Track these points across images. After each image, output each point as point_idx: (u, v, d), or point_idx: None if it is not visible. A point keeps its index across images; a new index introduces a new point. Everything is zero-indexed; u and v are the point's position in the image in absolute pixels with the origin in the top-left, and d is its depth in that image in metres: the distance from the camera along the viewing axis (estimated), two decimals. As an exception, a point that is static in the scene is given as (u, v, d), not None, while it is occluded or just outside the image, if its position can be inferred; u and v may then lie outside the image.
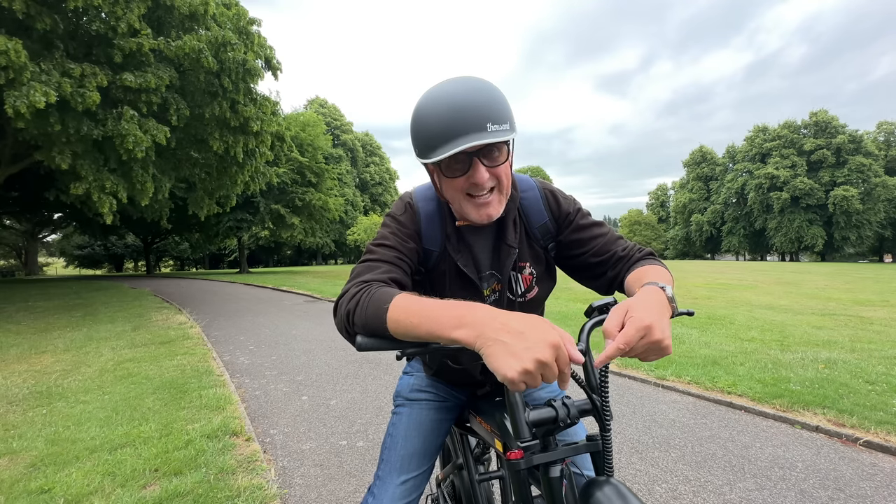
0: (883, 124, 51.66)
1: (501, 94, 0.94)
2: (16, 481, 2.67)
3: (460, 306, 0.76)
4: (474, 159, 0.93)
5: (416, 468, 1.17)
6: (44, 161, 11.09)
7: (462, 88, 0.91)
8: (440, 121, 0.90)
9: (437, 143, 0.90)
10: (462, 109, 0.88)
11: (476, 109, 0.88)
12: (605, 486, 0.79)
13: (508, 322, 0.69)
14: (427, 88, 0.98)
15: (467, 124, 0.88)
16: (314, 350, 6.17)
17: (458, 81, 0.93)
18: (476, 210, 0.99)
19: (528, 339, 0.66)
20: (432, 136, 0.91)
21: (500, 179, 0.98)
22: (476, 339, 0.70)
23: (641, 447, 3.06)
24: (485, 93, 0.91)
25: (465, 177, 0.95)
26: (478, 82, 0.93)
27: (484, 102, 0.89)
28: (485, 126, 0.88)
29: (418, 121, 0.94)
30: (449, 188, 1.00)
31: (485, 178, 0.95)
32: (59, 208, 24.86)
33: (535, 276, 1.15)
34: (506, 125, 0.91)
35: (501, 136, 0.89)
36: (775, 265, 33.63)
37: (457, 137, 0.88)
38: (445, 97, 0.91)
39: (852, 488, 2.50)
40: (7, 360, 5.86)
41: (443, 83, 0.95)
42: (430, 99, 0.94)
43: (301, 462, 2.95)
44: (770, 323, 7.33)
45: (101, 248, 47.56)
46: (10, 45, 8.10)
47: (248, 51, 13.08)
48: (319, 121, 31.17)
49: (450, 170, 0.95)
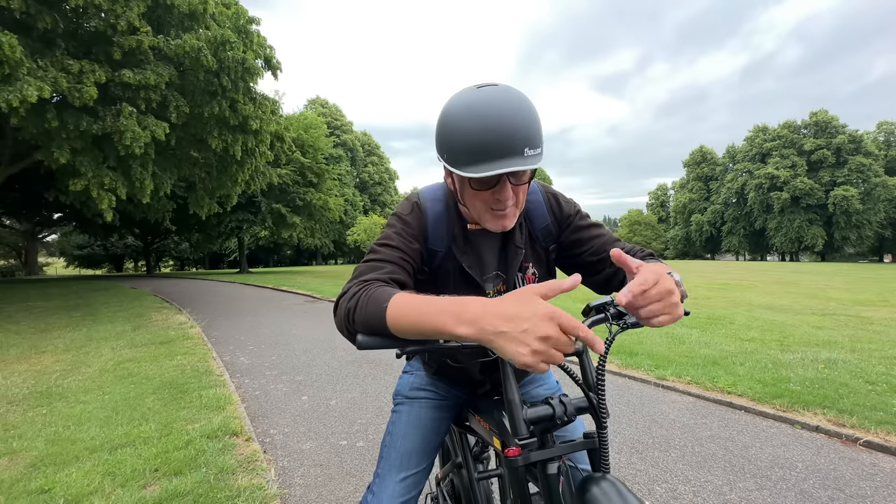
0: (883, 124, 51.67)
1: (537, 114, 0.93)
2: (16, 481, 2.67)
3: (457, 302, 0.76)
4: (504, 179, 0.94)
5: (415, 465, 1.18)
6: (44, 161, 11.11)
7: (504, 104, 0.89)
8: (478, 136, 0.88)
9: (472, 159, 0.89)
10: (502, 130, 0.86)
11: (516, 132, 0.87)
12: (602, 482, 0.80)
13: (501, 310, 0.70)
14: (461, 91, 0.95)
15: (506, 147, 0.87)
16: (314, 350, 6.17)
17: (499, 95, 0.90)
18: (494, 221, 1.01)
19: (524, 319, 0.67)
20: (467, 151, 0.89)
21: (519, 197, 1.00)
22: (477, 333, 0.71)
23: (641, 447, 3.06)
24: (525, 113, 0.89)
25: (490, 191, 0.96)
26: (518, 100, 0.91)
27: (523, 124, 0.88)
28: (522, 150, 0.87)
29: (451, 129, 0.92)
30: (471, 198, 1.00)
31: (510, 196, 0.96)
32: (58, 208, 24.89)
33: (537, 276, 1.17)
34: (539, 149, 0.90)
35: (536, 161, 0.89)
36: (775, 265, 33.65)
37: (494, 159, 0.87)
38: (485, 111, 0.88)
39: (852, 488, 2.50)
40: (7, 360, 5.86)
41: (480, 93, 0.91)
42: (465, 109, 0.90)
43: (301, 462, 2.95)
44: (770, 323, 7.33)
45: (101, 248, 47.54)
46: (4, 39, 8.08)
47: (247, 50, 13.10)
48: (321, 122, 31.24)
49: (478, 183, 0.95)
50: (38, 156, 11.27)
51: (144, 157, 11.30)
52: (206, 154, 14.13)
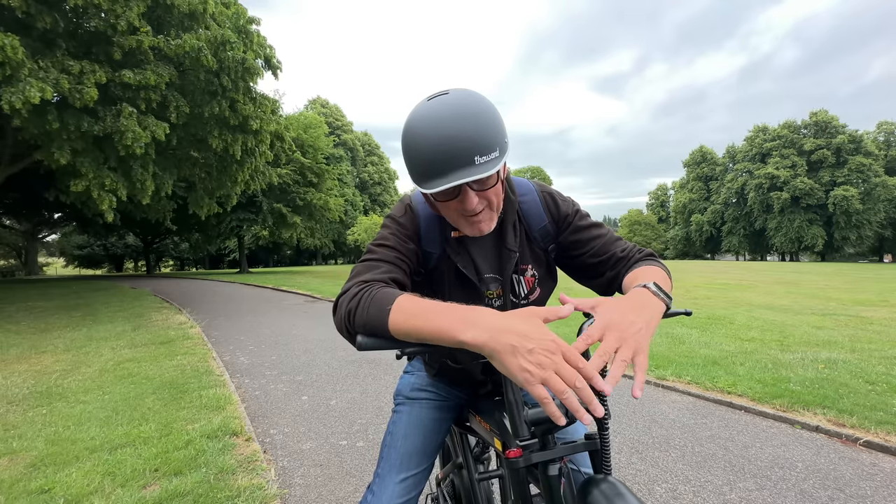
0: (883, 124, 51.67)
1: (490, 118, 0.90)
2: (16, 481, 2.67)
3: (465, 310, 0.77)
4: (464, 188, 0.93)
5: (415, 466, 1.18)
6: (44, 161, 11.10)
7: (449, 117, 0.88)
8: (428, 154, 0.88)
9: (428, 176, 0.90)
10: (449, 143, 0.86)
11: (463, 142, 0.86)
12: (603, 483, 0.79)
13: (513, 325, 0.72)
14: (416, 105, 0.94)
15: (454, 160, 0.86)
16: (314, 350, 6.17)
17: (444, 106, 0.89)
18: (470, 227, 1.00)
19: (532, 339, 0.70)
20: (422, 168, 0.90)
21: (490, 200, 0.98)
22: (485, 343, 0.72)
23: (641, 447, 3.06)
24: (471, 121, 0.88)
25: (456, 201, 0.95)
26: (465, 107, 0.89)
27: (471, 134, 0.87)
28: (472, 160, 0.86)
29: (409, 148, 0.92)
30: (443, 209, 1.01)
31: (474, 203, 0.94)
32: (58, 208, 24.88)
33: (536, 278, 1.16)
34: (494, 153, 0.89)
35: (489, 168, 0.88)
36: (775, 265, 33.65)
37: (445, 173, 0.87)
38: (433, 126, 0.88)
39: (852, 488, 2.50)
40: (7, 360, 5.86)
41: (430, 105, 0.91)
42: (418, 125, 0.90)
43: (301, 462, 2.95)
44: (770, 323, 7.33)
45: (101, 248, 47.56)
46: (6, 41, 8.08)
47: (247, 50, 13.10)
48: (321, 122, 31.23)
49: (442, 195, 0.94)
50: (38, 156, 11.27)
51: (145, 158, 11.30)
52: (206, 154, 14.13)
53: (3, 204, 25.07)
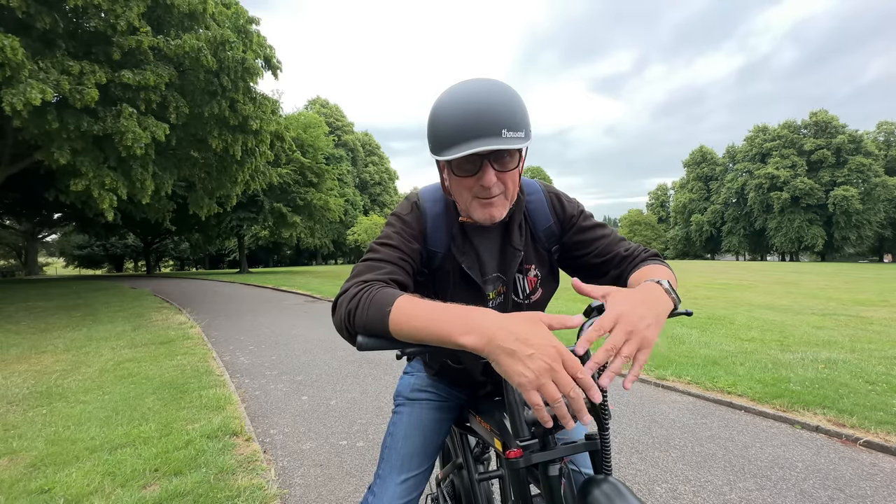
0: (883, 124, 51.69)
1: (520, 101, 0.94)
2: (16, 481, 2.67)
3: (465, 311, 0.77)
4: (485, 162, 0.93)
5: (416, 467, 1.18)
6: (44, 161, 11.10)
7: (481, 90, 0.91)
8: (456, 121, 0.90)
9: (451, 143, 0.90)
10: (479, 112, 0.88)
11: (493, 114, 0.88)
12: (604, 484, 0.79)
13: (513, 328, 0.71)
14: (447, 87, 0.98)
15: (482, 127, 0.88)
16: (314, 350, 6.17)
17: (478, 83, 0.93)
18: (481, 210, 1.00)
19: (532, 345, 0.69)
20: (447, 135, 0.91)
21: (507, 185, 0.98)
22: (485, 345, 0.72)
23: (641, 447, 3.06)
24: (503, 97, 0.91)
25: (474, 177, 0.96)
26: (497, 85, 0.93)
27: (501, 107, 0.89)
28: (500, 131, 0.88)
29: (435, 118, 0.95)
30: (457, 186, 1.00)
31: (493, 181, 0.95)
32: (58, 208, 24.87)
33: (539, 278, 1.15)
34: (521, 133, 0.91)
35: (515, 143, 0.89)
36: (775, 265, 33.65)
37: (471, 140, 0.88)
38: (464, 97, 0.91)
39: (852, 488, 2.50)
40: (7, 360, 5.86)
41: (464, 83, 0.95)
42: (448, 98, 0.94)
43: (301, 462, 2.95)
44: (770, 323, 7.33)
45: (101, 249, 47.57)
46: (6, 42, 8.07)
47: (247, 50, 13.10)
48: (321, 122, 31.23)
49: (460, 169, 0.96)
50: (38, 156, 11.27)
51: (145, 158, 11.30)
52: (206, 154, 14.12)
53: (3, 204, 25.07)
